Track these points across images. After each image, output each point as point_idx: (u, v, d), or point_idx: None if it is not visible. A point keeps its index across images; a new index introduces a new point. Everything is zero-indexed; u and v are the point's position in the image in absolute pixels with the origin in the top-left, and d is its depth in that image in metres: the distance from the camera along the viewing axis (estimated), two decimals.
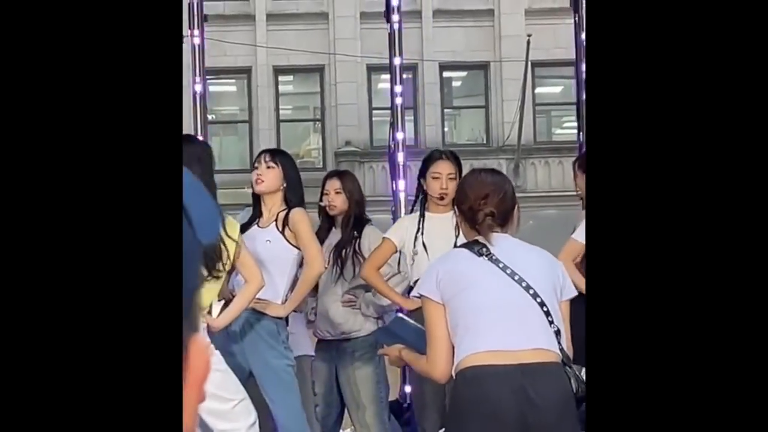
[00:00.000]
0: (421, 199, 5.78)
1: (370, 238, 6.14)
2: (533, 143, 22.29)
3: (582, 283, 5.74)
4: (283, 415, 5.54)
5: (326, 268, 5.94)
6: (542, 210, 16.95)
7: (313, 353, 6.37)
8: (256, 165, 5.80)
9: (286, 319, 5.84)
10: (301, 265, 5.78)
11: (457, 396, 3.74)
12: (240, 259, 5.11)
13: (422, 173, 5.85)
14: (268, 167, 5.73)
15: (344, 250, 6.12)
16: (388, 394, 6.25)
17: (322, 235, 6.17)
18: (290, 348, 5.68)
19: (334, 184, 6.23)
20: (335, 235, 6.21)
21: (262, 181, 5.70)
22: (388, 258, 5.83)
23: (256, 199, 5.78)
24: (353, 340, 6.09)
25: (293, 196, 5.74)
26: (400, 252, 5.86)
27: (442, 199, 5.68)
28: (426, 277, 3.87)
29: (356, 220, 6.18)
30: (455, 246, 5.37)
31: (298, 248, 5.68)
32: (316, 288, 6.18)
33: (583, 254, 5.61)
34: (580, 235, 5.65)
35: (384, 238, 5.88)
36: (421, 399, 5.61)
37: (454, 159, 5.86)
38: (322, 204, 6.25)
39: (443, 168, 5.73)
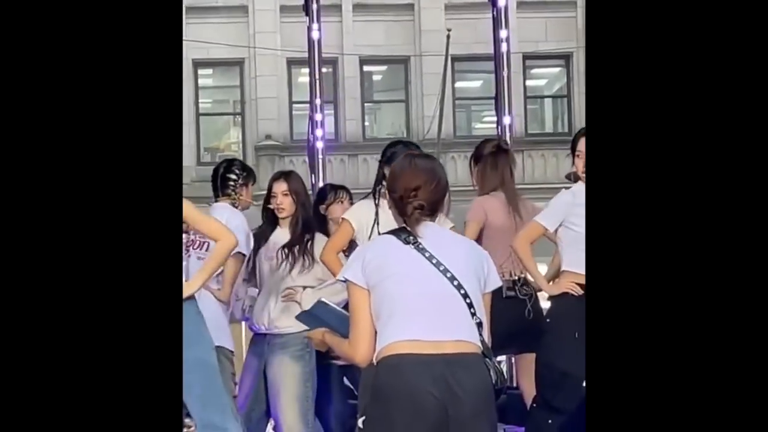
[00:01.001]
0: (379, 189, 5.76)
1: (320, 244, 6.16)
2: (453, 137, 22.39)
3: (533, 267, 5.79)
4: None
5: (278, 262, 6.06)
6: (462, 204, 17.00)
7: (229, 346, 6.36)
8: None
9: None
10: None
11: (378, 383, 3.75)
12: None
13: (388, 161, 5.80)
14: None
15: (295, 249, 6.13)
16: (314, 393, 6.23)
17: (267, 234, 6.21)
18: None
19: (281, 186, 6.25)
20: (282, 235, 6.23)
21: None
22: (346, 241, 5.84)
23: None
24: (286, 335, 6.08)
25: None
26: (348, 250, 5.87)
27: None
28: (352, 262, 3.87)
29: (304, 221, 6.19)
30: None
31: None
32: (254, 281, 6.23)
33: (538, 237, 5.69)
34: (543, 219, 5.71)
35: (342, 219, 5.90)
36: (364, 376, 5.62)
37: (416, 149, 5.84)
38: (270, 206, 6.25)
39: None
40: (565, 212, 5.63)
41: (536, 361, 5.76)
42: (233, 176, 6.46)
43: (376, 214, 5.69)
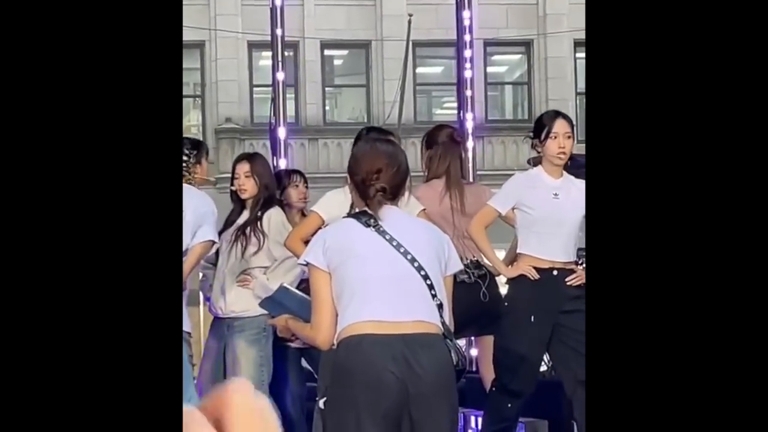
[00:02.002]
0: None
1: (270, 217, 6.17)
2: (414, 123, 22.40)
3: (489, 251, 5.81)
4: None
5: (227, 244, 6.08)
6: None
7: (186, 329, 6.36)
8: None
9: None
10: None
11: (339, 363, 3.78)
12: None
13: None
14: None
15: (247, 229, 6.15)
16: (270, 377, 6.25)
17: (233, 218, 6.23)
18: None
19: (243, 168, 6.27)
20: (244, 217, 6.24)
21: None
22: (314, 231, 5.83)
23: None
24: (242, 319, 6.10)
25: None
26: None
27: None
28: (313, 245, 3.89)
29: (265, 202, 6.20)
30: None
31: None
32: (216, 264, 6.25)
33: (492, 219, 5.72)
34: (495, 201, 5.73)
35: (311, 211, 5.91)
36: (325, 366, 5.63)
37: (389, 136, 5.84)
38: (233, 188, 6.26)
39: None
40: (518, 195, 5.65)
41: (494, 346, 5.79)
42: (183, 157, 6.26)
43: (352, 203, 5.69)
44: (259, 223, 6.17)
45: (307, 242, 5.79)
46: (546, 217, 5.55)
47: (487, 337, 6.12)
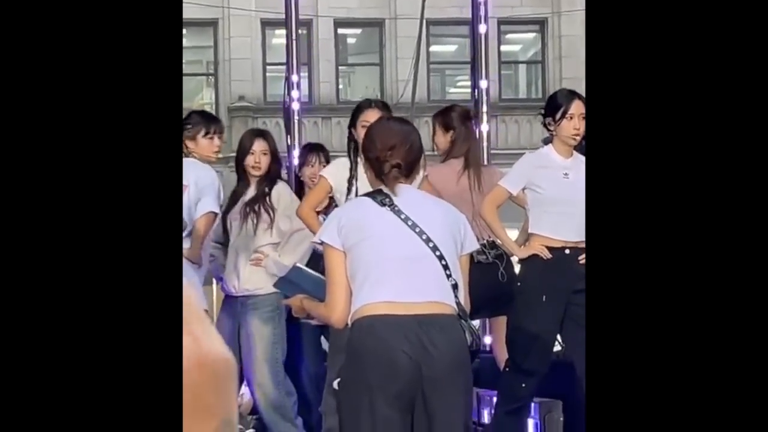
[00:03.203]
0: (353, 147, 5.76)
1: (280, 192, 6.16)
2: (427, 101, 22.35)
3: (501, 231, 5.79)
4: None
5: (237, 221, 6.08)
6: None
7: (205, 307, 6.37)
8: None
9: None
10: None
11: (353, 344, 3.77)
12: None
13: (352, 122, 5.83)
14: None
15: (256, 205, 6.14)
16: (284, 354, 6.26)
17: (239, 194, 6.21)
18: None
19: (261, 145, 6.23)
20: (251, 193, 6.22)
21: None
22: (324, 197, 5.84)
23: None
24: (256, 297, 6.10)
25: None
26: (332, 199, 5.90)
27: None
28: (328, 224, 3.88)
29: (270, 177, 6.19)
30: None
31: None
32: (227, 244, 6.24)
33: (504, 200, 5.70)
34: (506, 182, 5.71)
35: (320, 176, 5.91)
36: (334, 344, 5.63)
37: (383, 107, 5.85)
38: (247, 163, 6.22)
39: (372, 116, 5.69)
40: (529, 174, 5.63)
41: (507, 326, 5.78)
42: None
43: (351, 170, 5.68)
44: (268, 198, 6.16)
45: (318, 211, 5.83)
46: (557, 196, 5.54)
47: (501, 317, 6.11)
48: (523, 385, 5.60)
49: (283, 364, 6.23)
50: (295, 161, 7.97)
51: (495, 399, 6.00)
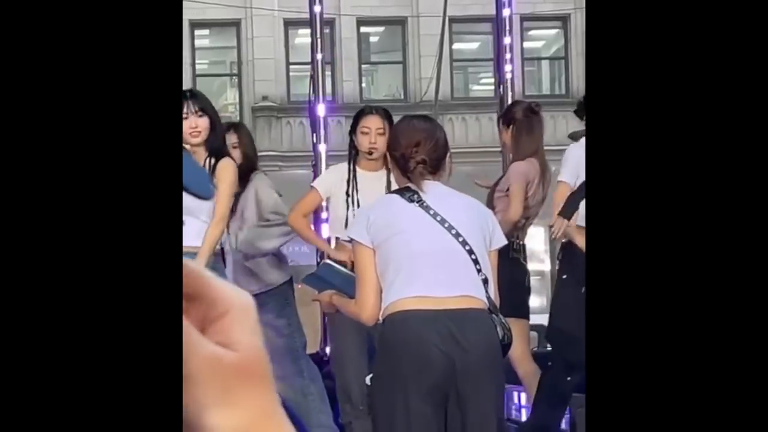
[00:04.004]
0: (354, 155, 5.79)
1: (255, 185, 6.17)
2: (450, 99, 22.35)
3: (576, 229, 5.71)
4: None
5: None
6: (460, 166, 16.98)
7: None
8: (185, 115, 5.52)
9: None
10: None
11: (385, 340, 3.79)
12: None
13: (352, 129, 5.86)
14: (200, 116, 5.63)
15: (239, 203, 6.18)
16: (304, 344, 6.30)
17: None
18: None
19: (231, 138, 6.21)
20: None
21: (198, 133, 5.49)
22: (313, 207, 5.90)
23: None
24: (263, 294, 6.11)
25: (221, 145, 5.62)
26: (328, 204, 5.92)
27: (371, 153, 5.68)
28: (357, 221, 3.90)
29: (243, 173, 6.12)
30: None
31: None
32: None
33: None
34: (566, 176, 5.69)
35: (311, 187, 5.93)
36: (338, 352, 5.65)
37: (384, 114, 5.83)
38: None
39: (372, 123, 5.73)
40: (579, 165, 5.60)
41: (549, 322, 5.81)
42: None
43: (350, 179, 5.68)
44: (249, 193, 6.18)
45: (308, 216, 5.87)
46: None
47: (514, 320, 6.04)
48: (569, 378, 5.61)
49: (306, 353, 6.28)
50: (322, 161, 8.01)
51: (525, 395, 6.01)
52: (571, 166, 5.72)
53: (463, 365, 3.71)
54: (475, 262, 3.81)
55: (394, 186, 5.34)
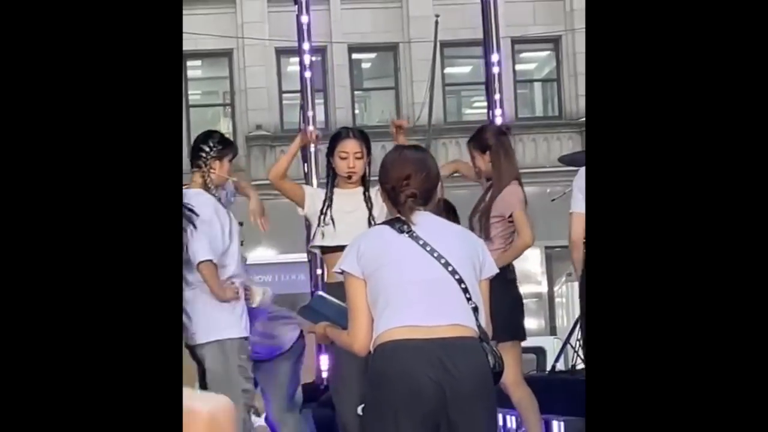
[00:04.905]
0: (331, 176, 5.78)
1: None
2: (444, 123, 22.39)
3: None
4: None
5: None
6: (453, 190, 16.93)
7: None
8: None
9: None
10: None
11: (376, 369, 3.80)
12: None
13: (330, 151, 5.78)
14: None
15: None
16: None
17: None
18: None
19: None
20: None
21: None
22: (295, 191, 5.85)
23: None
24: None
25: None
26: (308, 224, 5.95)
27: (350, 178, 5.68)
28: (347, 253, 3.91)
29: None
30: (368, 217, 5.44)
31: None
32: None
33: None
34: (580, 206, 5.54)
35: (302, 185, 6.00)
36: (337, 381, 5.64)
37: (362, 136, 5.76)
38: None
39: (350, 147, 5.69)
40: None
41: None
42: (206, 148, 5.95)
43: (326, 198, 5.70)
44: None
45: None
46: None
47: (510, 343, 6.01)
48: None
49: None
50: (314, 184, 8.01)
51: (516, 419, 5.99)
52: (581, 195, 5.53)
53: (454, 394, 3.71)
54: (465, 290, 3.81)
55: (374, 202, 5.41)
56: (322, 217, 5.65)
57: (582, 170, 5.70)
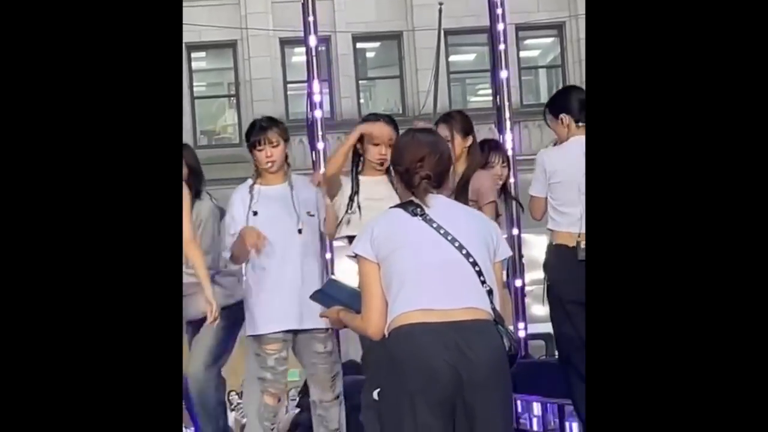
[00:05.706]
0: (357, 163, 5.70)
1: (200, 211, 6.29)
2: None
3: None
4: None
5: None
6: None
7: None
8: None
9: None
10: None
11: (391, 353, 3.80)
12: None
13: (359, 138, 5.70)
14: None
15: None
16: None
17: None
18: None
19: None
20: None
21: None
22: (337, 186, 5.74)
23: None
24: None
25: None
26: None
27: (381, 165, 5.58)
28: (361, 237, 3.92)
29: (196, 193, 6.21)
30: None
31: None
32: None
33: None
34: (535, 190, 5.77)
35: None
36: (367, 349, 5.55)
37: (393, 123, 5.67)
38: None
39: (384, 133, 5.61)
40: (547, 172, 5.81)
41: None
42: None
43: (353, 185, 5.63)
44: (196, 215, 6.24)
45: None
46: None
47: None
48: None
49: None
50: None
51: (537, 404, 6.00)
52: (538, 180, 5.79)
53: (470, 377, 3.72)
54: (479, 273, 3.82)
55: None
56: (350, 203, 5.57)
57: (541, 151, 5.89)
